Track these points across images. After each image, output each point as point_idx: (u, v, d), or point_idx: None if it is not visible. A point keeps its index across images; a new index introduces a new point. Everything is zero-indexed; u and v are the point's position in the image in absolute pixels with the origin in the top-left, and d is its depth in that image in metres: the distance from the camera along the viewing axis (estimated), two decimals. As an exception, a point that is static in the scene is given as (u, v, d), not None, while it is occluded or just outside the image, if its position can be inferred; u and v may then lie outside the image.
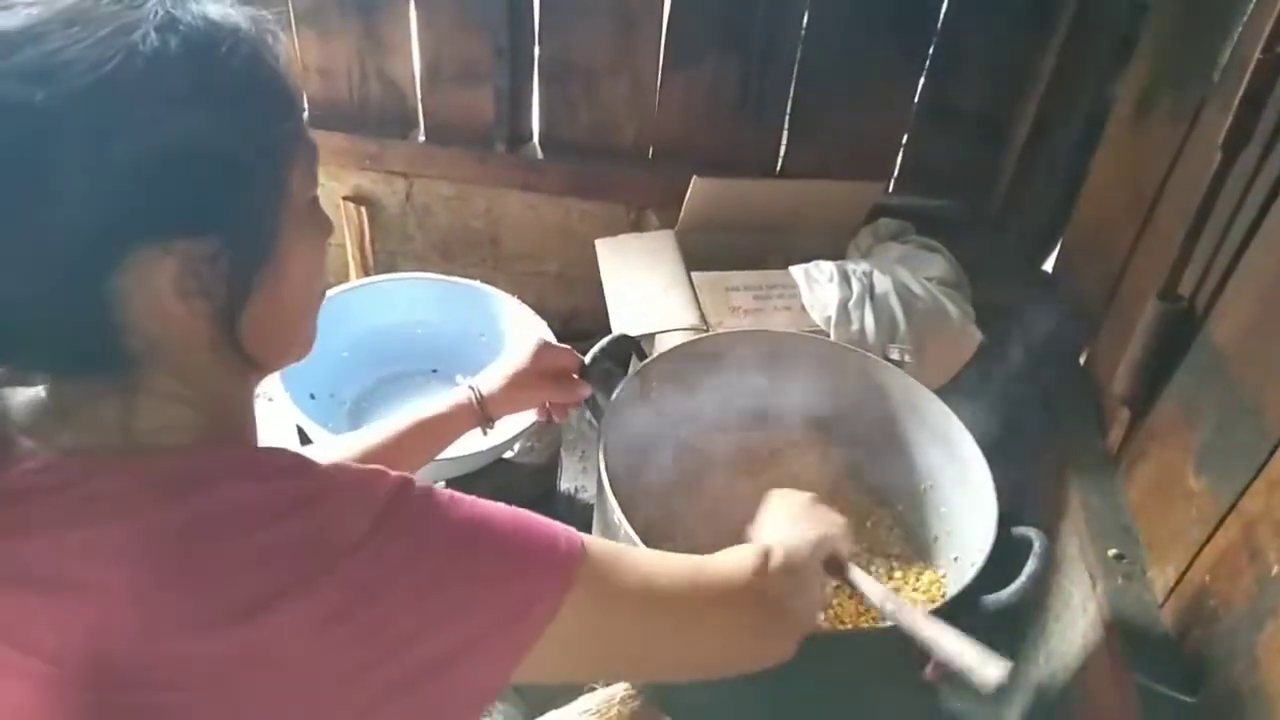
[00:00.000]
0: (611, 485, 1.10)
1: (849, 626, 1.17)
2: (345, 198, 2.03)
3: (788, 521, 0.93)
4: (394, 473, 0.62)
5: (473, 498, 0.65)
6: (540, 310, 1.75)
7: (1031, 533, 1.04)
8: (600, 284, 1.75)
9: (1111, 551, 1.25)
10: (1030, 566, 1.00)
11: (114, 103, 0.52)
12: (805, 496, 0.99)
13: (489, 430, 1.09)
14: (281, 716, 0.56)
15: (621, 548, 0.72)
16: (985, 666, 0.77)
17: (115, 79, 0.52)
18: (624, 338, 1.28)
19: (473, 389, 1.07)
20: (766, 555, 0.82)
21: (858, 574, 0.93)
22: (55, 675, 0.54)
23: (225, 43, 0.56)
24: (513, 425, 1.44)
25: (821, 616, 0.83)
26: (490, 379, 1.09)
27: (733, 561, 0.81)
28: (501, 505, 0.66)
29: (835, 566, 0.92)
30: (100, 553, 0.55)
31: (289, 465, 0.61)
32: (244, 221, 0.58)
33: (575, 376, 1.15)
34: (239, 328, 0.61)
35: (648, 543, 1.03)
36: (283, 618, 0.54)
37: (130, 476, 0.57)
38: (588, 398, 1.18)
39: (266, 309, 0.62)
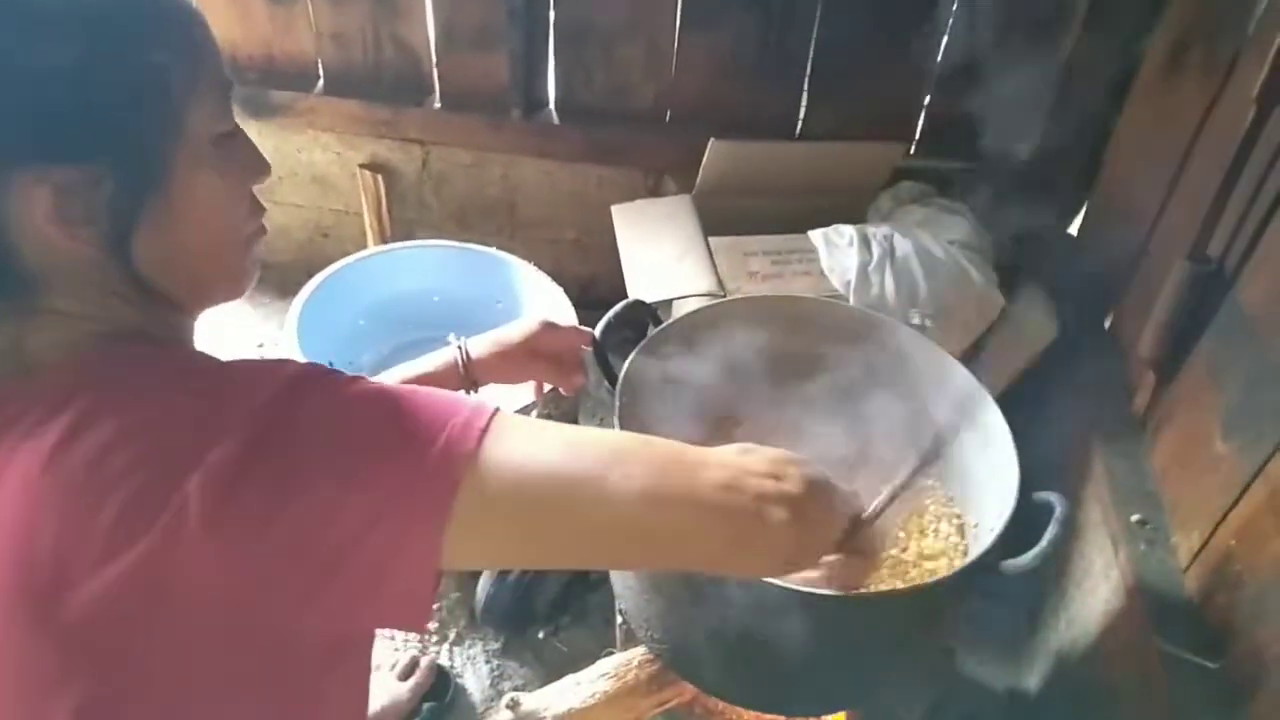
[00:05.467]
0: (626, 451, 1.09)
1: (865, 590, 1.16)
2: (362, 165, 2.03)
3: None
4: (301, 360, 0.61)
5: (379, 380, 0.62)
6: (558, 277, 1.74)
7: (1053, 497, 1.02)
8: (618, 250, 1.74)
9: (1135, 517, 1.23)
10: (1051, 531, 0.98)
11: None
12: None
13: (473, 393, 1.07)
14: (204, 639, 0.55)
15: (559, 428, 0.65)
16: None
17: None
18: (638, 304, 1.26)
19: (460, 348, 1.06)
20: (788, 465, 0.73)
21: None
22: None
23: None
24: (517, 399, 1.43)
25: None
26: (482, 343, 1.07)
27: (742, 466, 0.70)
28: (408, 386, 0.62)
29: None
30: (12, 481, 0.55)
31: (189, 358, 0.62)
32: (124, 151, 0.58)
33: (579, 358, 1.13)
34: (133, 259, 0.61)
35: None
36: (188, 506, 0.52)
37: (27, 396, 0.57)
38: (601, 365, 1.17)
39: (164, 242, 0.62)
